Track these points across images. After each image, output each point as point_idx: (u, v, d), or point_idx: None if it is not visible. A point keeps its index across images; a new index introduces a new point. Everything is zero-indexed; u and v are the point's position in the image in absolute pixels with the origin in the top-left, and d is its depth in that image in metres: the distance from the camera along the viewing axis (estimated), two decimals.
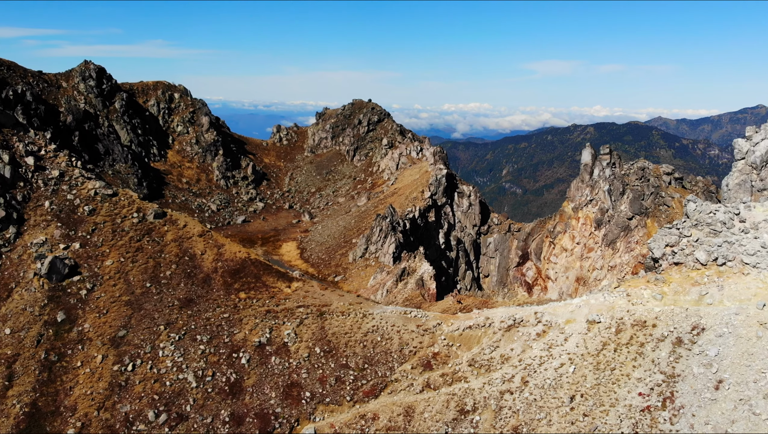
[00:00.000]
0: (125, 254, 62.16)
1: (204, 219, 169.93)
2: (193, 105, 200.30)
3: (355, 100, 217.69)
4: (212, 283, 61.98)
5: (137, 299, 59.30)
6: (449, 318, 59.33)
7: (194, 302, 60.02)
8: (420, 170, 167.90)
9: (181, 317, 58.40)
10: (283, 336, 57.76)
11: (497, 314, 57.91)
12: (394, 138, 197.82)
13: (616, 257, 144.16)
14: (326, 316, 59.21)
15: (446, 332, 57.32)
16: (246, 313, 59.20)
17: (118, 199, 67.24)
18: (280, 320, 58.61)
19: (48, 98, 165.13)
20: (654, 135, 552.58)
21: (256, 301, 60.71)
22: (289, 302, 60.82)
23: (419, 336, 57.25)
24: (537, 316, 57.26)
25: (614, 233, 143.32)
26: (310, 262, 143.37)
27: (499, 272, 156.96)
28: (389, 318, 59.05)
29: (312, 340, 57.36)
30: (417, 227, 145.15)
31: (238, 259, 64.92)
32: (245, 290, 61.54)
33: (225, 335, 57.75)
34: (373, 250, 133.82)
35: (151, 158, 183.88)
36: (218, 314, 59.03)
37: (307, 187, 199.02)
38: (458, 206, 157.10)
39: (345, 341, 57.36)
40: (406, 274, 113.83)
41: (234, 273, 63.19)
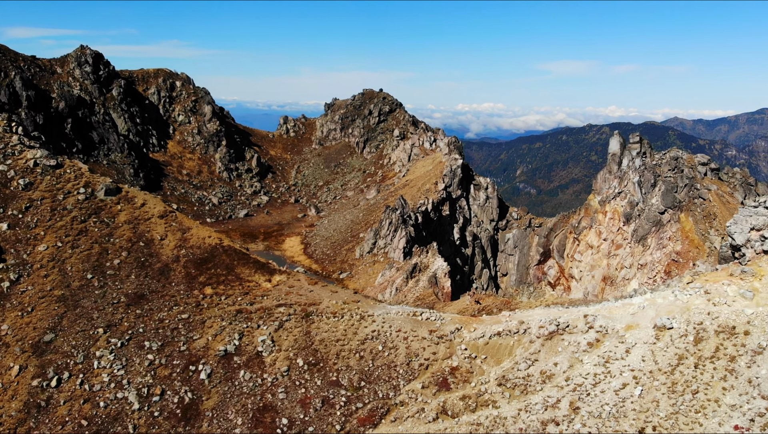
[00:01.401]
0: (64, 237, 48.20)
1: (204, 212, 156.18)
2: (195, 94, 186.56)
3: (366, 90, 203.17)
4: (171, 275, 47.89)
5: (73, 293, 45.33)
6: (471, 322, 44.74)
7: (146, 298, 45.93)
8: (433, 161, 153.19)
9: (127, 317, 44.31)
10: (256, 344, 43.42)
11: (534, 317, 43.24)
12: (406, 129, 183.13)
13: (647, 255, 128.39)
14: (313, 318, 44.92)
15: (468, 340, 42.77)
16: (211, 313, 44.95)
17: (62, 171, 53.38)
18: (254, 322, 44.30)
19: (40, 84, 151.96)
20: (670, 135, 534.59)
21: (224, 298, 46.44)
22: (267, 300, 46.51)
23: (433, 345, 42.74)
24: (587, 320, 42.51)
25: (645, 228, 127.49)
26: (313, 258, 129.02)
27: (518, 271, 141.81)
28: (394, 321, 44.55)
29: (294, 349, 43.05)
30: (430, 221, 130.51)
31: (206, 246, 50.77)
32: (212, 285, 47.42)
33: (181, 341, 43.54)
34: (381, 245, 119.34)
35: (150, 149, 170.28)
36: (175, 315, 44.85)
37: (314, 180, 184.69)
38: (474, 199, 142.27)
39: (336, 350, 42.91)
40: (417, 271, 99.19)
41: (200, 263, 49.10)
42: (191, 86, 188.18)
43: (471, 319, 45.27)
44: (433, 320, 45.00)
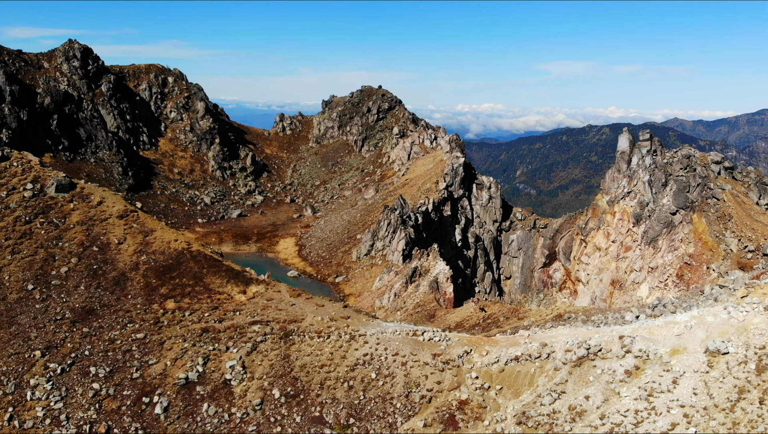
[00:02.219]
0: (3, 241, 40.24)
1: (196, 212, 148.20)
2: (188, 90, 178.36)
3: (365, 86, 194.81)
4: (128, 286, 40.08)
5: (9, 308, 37.36)
6: (482, 343, 36.78)
7: (96, 313, 38.06)
8: (434, 159, 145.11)
9: (72, 337, 36.39)
10: (223, 370, 35.51)
11: (559, 338, 35.31)
12: (405, 127, 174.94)
13: (658, 257, 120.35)
14: (294, 338, 37.05)
15: (479, 366, 34.86)
16: (171, 332, 37.10)
17: (8, 165, 45.52)
18: (222, 344, 36.45)
19: (25, 78, 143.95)
20: (671, 136, 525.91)
21: (189, 313, 38.59)
22: (240, 316, 38.68)
23: (437, 372, 34.81)
24: (624, 343, 34.56)
25: (655, 229, 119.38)
26: (308, 260, 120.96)
27: (522, 274, 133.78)
28: (390, 342, 36.65)
29: (269, 377, 35.16)
30: (430, 222, 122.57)
31: (171, 251, 42.91)
32: (176, 297, 39.60)
33: (134, 367, 35.69)
34: (379, 247, 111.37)
35: (140, 146, 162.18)
36: (129, 334, 36.96)
37: (311, 179, 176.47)
38: (477, 199, 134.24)
39: (320, 379, 34.98)
40: (417, 275, 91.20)
41: (163, 272, 41.28)
42: (184, 82, 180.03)
43: (482, 340, 37.31)
44: (438, 340, 37.02)
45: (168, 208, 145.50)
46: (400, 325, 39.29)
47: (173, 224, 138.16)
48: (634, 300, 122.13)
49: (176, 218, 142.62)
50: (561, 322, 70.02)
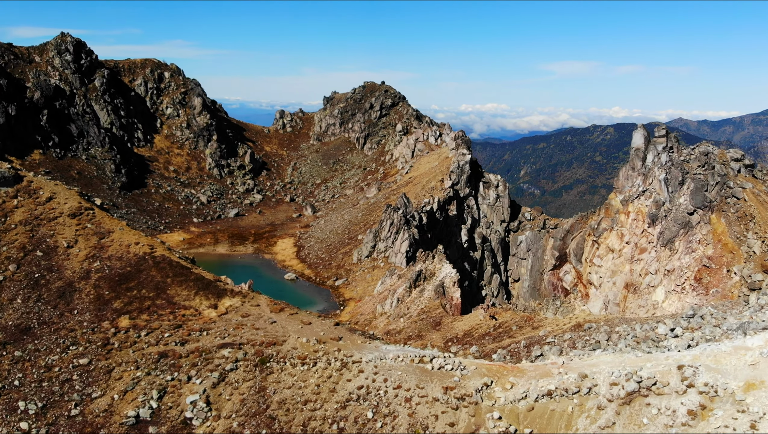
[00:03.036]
0: None
1: (191, 211, 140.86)
2: (185, 85, 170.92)
3: (367, 82, 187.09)
4: (75, 298, 32.74)
5: None
6: (505, 373, 29.27)
7: (32, 333, 30.69)
8: (439, 157, 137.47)
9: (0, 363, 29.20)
10: (183, 406, 28.08)
11: (601, 368, 27.84)
12: (409, 123, 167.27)
13: (675, 260, 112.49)
14: (272, 366, 29.65)
15: (502, 403, 27.44)
16: (123, 357, 29.74)
17: None
18: (183, 372, 29.04)
19: (14, 72, 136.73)
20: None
21: (146, 333, 31.22)
22: (208, 337, 31.29)
23: (450, 411, 27.37)
24: (683, 374, 27.09)
25: (672, 230, 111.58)
26: (307, 262, 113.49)
27: (531, 277, 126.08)
28: (391, 372, 29.19)
29: (239, 416, 27.77)
30: (435, 222, 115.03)
31: (130, 257, 35.57)
32: (132, 313, 32.26)
33: (74, 401, 28.32)
34: (382, 248, 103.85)
35: (135, 143, 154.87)
36: (70, 358, 29.58)
37: (311, 178, 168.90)
38: (483, 198, 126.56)
39: (303, 419, 27.38)
40: (422, 279, 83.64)
41: (119, 281, 33.97)
42: (181, 77, 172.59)
43: (505, 368, 29.81)
44: (450, 369, 29.48)
45: (162, 207, 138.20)
46: (404, 349, 31.82)
47: (167, 224, 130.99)
48: (650, 304, 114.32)
49: (170, 218, 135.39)
50: (581, 332, 62.42)
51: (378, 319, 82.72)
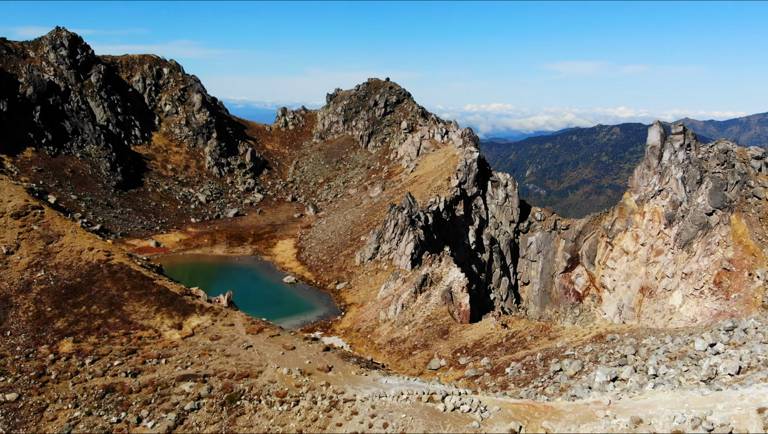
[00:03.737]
0: None
1: (189, 211, 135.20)
2: (184, 82, 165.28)
3: (371, 79, 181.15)
4: (9, 317, 26.90)
5: None
6: (537, 415, 23.32)
7: None
8: (446, 155, 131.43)
9: None
10: None
11: (659, 410, 21.93)
12: (414, 121, 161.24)
13: (692, 262, 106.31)
14: (243, 405, 23.87)
15: None
16: (60, 391, 24.04)
17: None
18: (133, 412, 23.26)
19: (7, 67, 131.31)
20: None
21: (92, 361, 25.39)
22: (167, 367, 25.51)
23: None
24: (765, 417, 21.35)
25: (690, 231, 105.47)
26: (307, 264, 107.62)
27: (542, 280, 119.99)
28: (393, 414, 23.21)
29: None
30: (442, 222, 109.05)
31: (82, 265, 29.80)
32: (77, 335, 26.48)
33: None
34: (385, 250, 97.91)
35: (132, 141, 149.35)
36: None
37: (314, 177, 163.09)
38: (492, 197, 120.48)
39: None
40: (428, 283, 77.66)
41: (65, 295, 28.24)
42: (180, 74, 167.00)
43: (535, 409, 23.89)
44: (467, 411, 23.48)
45: (159, 206, 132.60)
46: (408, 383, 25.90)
47: (164, 224, 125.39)
48: (666, 309, 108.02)
49: (167, 218, 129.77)
50: (603, 344, 56.33)
51: (381, 326, 76.86)
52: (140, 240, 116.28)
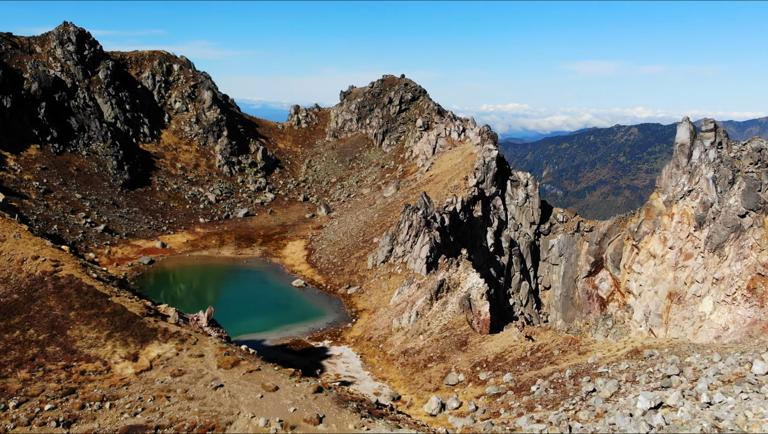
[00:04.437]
0: None
1: (197, 211, 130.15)
2: (194, 78, 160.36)
3: (386, 75, 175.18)
4: None
5: None
6: None
7: None
8: (463, 153, 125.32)
9: None
10: None
11: None
12: (430, 119, 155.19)
13: (724, 267, 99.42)
14: None
15: None
16: None
17: None
18: None
19: (11, 62, 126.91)
20: None
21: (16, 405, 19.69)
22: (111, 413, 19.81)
23: None
24: None
25: (721, 234, 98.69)
26: (317, 267, 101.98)
27: (564, 284, 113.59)
28: None
29: None
30: (459, 224, 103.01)
31: (21, 278, 24.14)
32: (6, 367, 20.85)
33: None
34: (399, 253, 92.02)
35: (141, 139, 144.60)
36: None
37: (326, 176, 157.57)
38: (512, 197, 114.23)
39: None
40: (444, 289, 71.70)
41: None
42: (190, 70, 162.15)
43: None
44: None
45: (167, 206, 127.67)
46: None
47: (171, 225, 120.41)
48: (696, 316, 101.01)
49: (175, 218, 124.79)
50: (640, 361, 50.11)
51: (394, 335, 71.02)
52: (146, 241, 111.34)
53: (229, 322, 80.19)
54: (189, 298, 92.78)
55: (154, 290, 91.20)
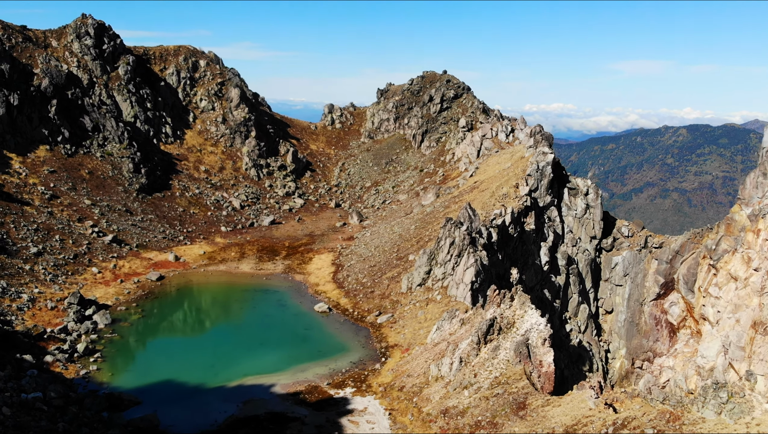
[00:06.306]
0: None
1: (220, 218, 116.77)
2: (222, 75, 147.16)
3: (426, 72, 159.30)
4: None
5: None
6: None
7: None
8: (512, 156, 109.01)
9: None
10: None
11: None
12: (474, 118, 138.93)
13: None
14: None
15: None
16: None
17: None
18: None
19: (21, 56, 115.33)
20: (752, 138, 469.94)
21: None
22: None
23: None
24: None
25: None
26: (344, 288, 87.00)
27: (629, 308, 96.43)
28: None
29: None
30: (508, 239, 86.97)
31: None
32: None
33: None
34: (439, 275, 76.50)
35: (163, 139, 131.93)
36: None
37: (360, 180, 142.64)
38: (569, 208, 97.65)
39: None
40: (495, 330, 55.98)
41: None
42: (218, 66, 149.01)
43: None
44: None
45: (186, 213, 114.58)
46: None
47: (189, 234, 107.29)
48: None
49: (194, 226, 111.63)
50: None
51: (432, 387, 55.62)
52: (158, 252, 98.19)
53: (235, 358, 65.71)
54: (192, 324, 78.89)
55: (156, 313, 77.67)
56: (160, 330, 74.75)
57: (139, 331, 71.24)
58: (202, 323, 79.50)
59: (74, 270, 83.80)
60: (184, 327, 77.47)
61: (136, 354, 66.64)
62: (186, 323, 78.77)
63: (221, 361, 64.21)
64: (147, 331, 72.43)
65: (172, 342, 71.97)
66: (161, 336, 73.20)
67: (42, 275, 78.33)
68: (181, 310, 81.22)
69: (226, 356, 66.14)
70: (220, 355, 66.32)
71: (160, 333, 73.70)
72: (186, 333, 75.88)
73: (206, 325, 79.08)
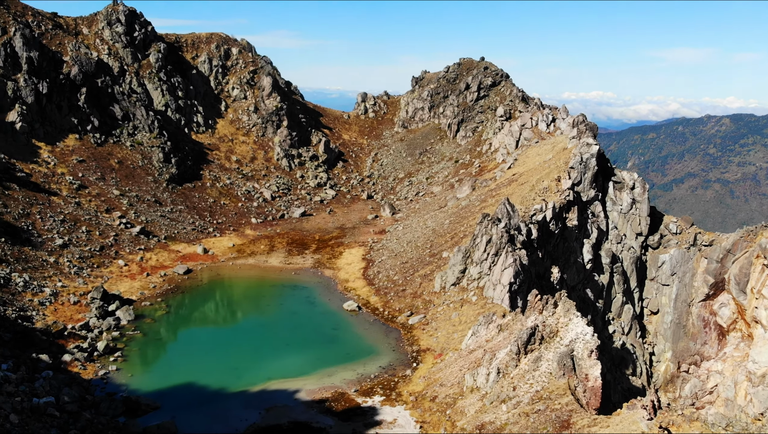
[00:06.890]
0: None
1: (250, 209, 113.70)
2: (254, 63, 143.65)
3: (463, 59, 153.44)
4: None
5: None
6: None
7: None
8: (554, 147, 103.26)
9: None
10: None
11: None
12: (513, 107, 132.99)
13: None
14: None
15: None
16: None
17: None
18: None
19: (51, 44, 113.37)
20: None
21: None
22: None
23: None
24: None
25: None
26: (375, 285, 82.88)
27: (676, 309, 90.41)
28: None
29: None
30: (549, 235, 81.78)
31: None
32: None
33: None
34: (474, 274, 71.87)
35: (194, 129, 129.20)
36: None
37: (393, 171, 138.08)
38: (614, 203, 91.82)
39: None
40: (536, 339, 51.33)
41: None
42: (250, 54, 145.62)
43: None
44: None
45: (217, 204, 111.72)
46: None
47: (219, 225, 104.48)
48: None
49: (224, 217, 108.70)
50: None
51: (467, 398, 51.24)
52: (187, 245, 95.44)
53: (260, 360, 62.19)
54: (216, 322, 75.75)
55: (180, 309, 74.77)
56: (183, 327, 71.75)
57: (162, 329, 68.29)
58: (227, 321, 76.32)
59: (100, 263, 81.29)
60: (208, 325, 74.41)
61: (157, 353, 63.62)
62: (210, 320, 75.73)
63: (245, 363, 60.82)
64: (170, 328, 69.45)
65: (196, 341, 68.85)
66: (184, 333, 70.15)
67: (66, 268, 75.89)
68: (206, 306, 78.20)
69: (250, 357, 62.73)
70: (244, 356, 62.92)
71: (183, 331, 70.68)
72: (210, 331, 72.71)
73: (231, 323, 75.86)
